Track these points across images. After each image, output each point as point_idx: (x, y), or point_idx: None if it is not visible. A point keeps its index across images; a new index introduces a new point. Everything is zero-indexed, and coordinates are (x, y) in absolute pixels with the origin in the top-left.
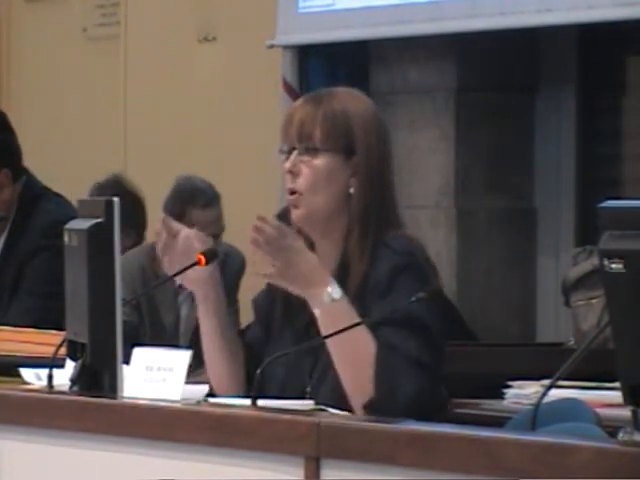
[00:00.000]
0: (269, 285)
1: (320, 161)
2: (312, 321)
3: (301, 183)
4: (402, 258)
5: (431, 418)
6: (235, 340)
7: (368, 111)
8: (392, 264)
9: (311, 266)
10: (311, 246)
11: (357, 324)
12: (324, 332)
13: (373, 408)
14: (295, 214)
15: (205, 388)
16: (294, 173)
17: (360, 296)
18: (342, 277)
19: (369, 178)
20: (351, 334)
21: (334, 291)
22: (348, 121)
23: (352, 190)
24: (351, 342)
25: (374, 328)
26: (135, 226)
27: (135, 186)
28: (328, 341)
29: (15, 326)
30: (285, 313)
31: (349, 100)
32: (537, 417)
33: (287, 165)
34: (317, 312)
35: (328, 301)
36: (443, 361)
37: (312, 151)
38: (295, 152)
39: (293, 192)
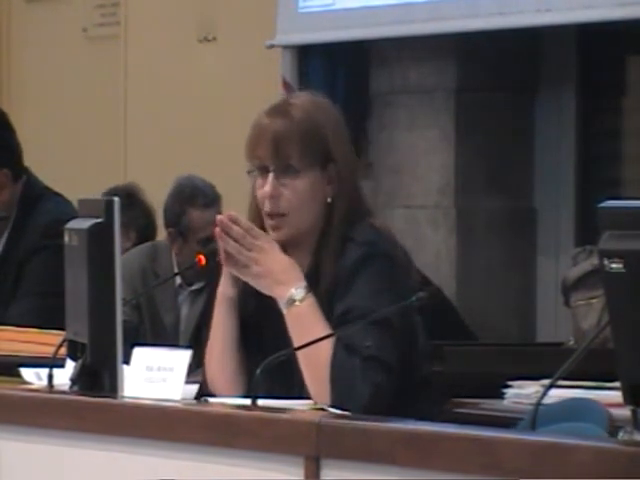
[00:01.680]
0: (243, 285)
1: (301, 181)
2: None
3: (284, 206)
4: (363, 248)
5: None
6: (241, 345)
7: (335, 117)
8: (355, 256)
9: (280, 266)
10: (283, 249)
11: (325, 336)
12: (290, 331)
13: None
14: (277, 236)
15: (195, 387)
16: (274, 196)
17: (331, 294)
18: (314, 280)
19: (345, 184)
20: (309, 338)
21: (297, 292)
22: (322, 131)
23: (329, 199)
24: (310, 347)
25: (336, 326)
26: (139, 229)
27: (147, 197)
28: (294, 343)
29: (16, 326)
30: (258, 310)
31: (313, 108)
32: (537, 417)
33: (267, 189)
34: (284, 312)
35: (290, 302)
36: (414, 359)
37: (292, 172)
38: (271, 174)
39: (271, 215)
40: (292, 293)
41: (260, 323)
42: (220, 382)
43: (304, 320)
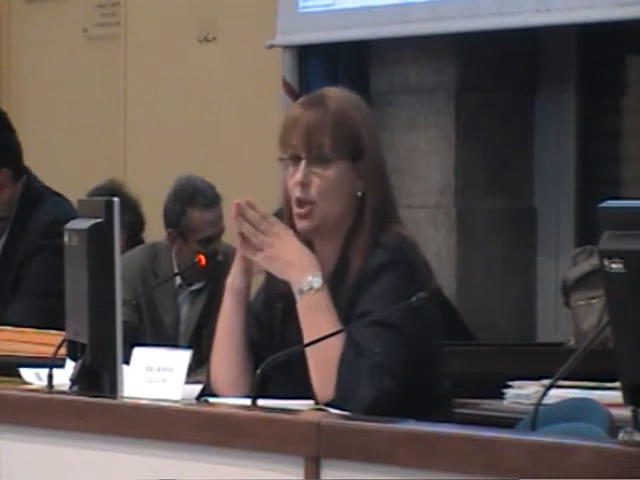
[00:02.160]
0: (266, 290)
1: (332, 171)
2: None
3: (314, 194)
4: (389, 255)
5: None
6: (248, 340)
7: (366, 111)
8: (379, 260)
9: (295, 252)
10: (308, 244)
11: (336, 332)
12: (302, 321)
13: (332, 408)
14: (303, 225)
15: (198, 387)
16: (305, 184)
17: (354, 293)
18: (340, 275)
19: (376, 179)
20: (319, 332)
21: (315, 281)
22: (355, 125)
23: (360, 193)
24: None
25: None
26: (128, 227)
27: (131, 190)
28: (304, 331)
29: (15, 326)
30: (286, 315)
31: (348, 102)
32: (537, 417)
33: (298, 176)
34: (297, 298)
35: (307, 290)
36: (423, 363)
37: (323, 161)
38: (303, 162)
39: (301, 202)
40: (310, 280)
41: (285, 326)
42: (224, 380)
43: (317, 310)
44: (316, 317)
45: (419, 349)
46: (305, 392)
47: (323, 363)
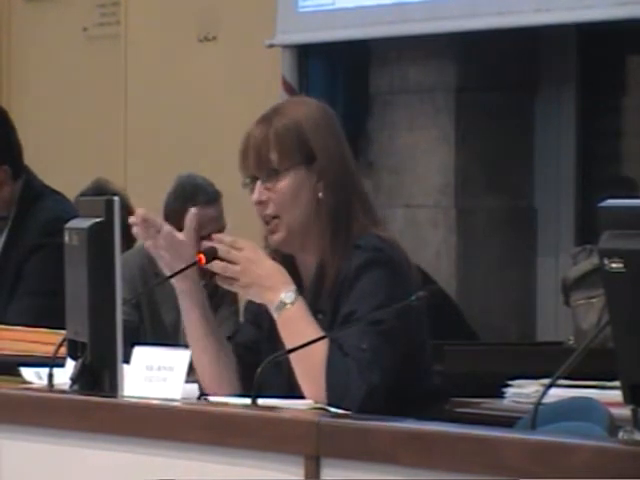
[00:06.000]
0: None
1: (284, 182)
2: None
3: (272, 208)
4: (368, 254)
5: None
6: (222, 339)
7: (317, 114)
8: (359, 261)
9: (265, 272)
10: (290, 259)
11: (319, 338)
12: (282, 336)
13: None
14: (273, 239)
15: (195, 387)
16: (262, 202)
17: (334, 297)
18: (320, 280)
19: (334, 179)
20: (300, 340)
21: (287, 296)
22: (300, 130)
23: (321, 194)
24: (304, 349)
25: (334, 328)
26: (123, 225)
27: (117, 187)
28: (286, 346)
29: (14, 325)
30: (273, 321)
31: (295, 109)
32: (538, 416)
33: (254, 197)
34: (275, 317)
35: (281, 306)
36: (410, 359)
37: (273, 175)
38: (258, 182)
39: (267, 220)
40: (282, 297)
41: (274, 326)
42: (211, 382)
43: (295, 323)
44: (295, 328)
45: (406, 346)
46: (292, 392)
47: (310, 370)
